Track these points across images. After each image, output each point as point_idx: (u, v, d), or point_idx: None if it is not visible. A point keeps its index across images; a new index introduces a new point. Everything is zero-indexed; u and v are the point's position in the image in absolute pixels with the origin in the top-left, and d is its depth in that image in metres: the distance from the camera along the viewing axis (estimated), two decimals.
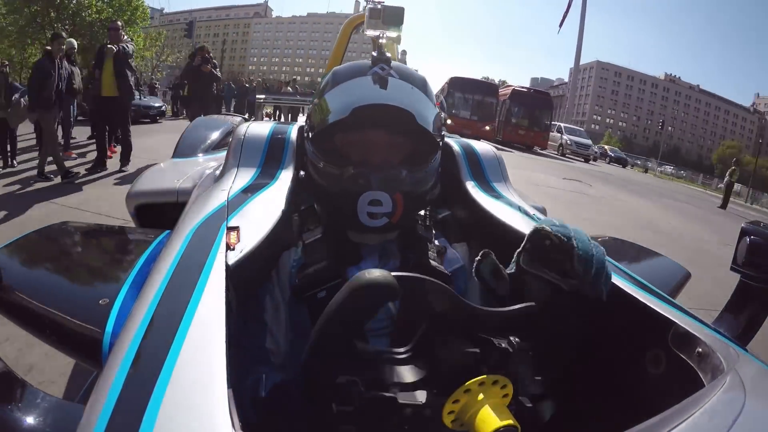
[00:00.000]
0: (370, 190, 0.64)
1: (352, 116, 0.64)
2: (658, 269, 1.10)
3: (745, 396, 0.40)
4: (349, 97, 0.67)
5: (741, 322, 0.72)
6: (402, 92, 0.67)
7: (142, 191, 1.39)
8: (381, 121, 0.65)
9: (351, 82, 0.68)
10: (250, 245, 0.57)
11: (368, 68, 0.69)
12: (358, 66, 0.71)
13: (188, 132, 1.97)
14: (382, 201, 0.64)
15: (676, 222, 6.80)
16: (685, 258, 1.61)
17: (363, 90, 0.66)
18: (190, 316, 0.43)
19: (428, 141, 0.70)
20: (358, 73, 0.69)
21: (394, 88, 0.67)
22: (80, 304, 0.71)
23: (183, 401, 0.33)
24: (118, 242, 1.05)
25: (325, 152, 0.69)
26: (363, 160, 0.66)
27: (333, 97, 0.69)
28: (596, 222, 5.21)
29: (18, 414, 0.44)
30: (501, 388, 0.42)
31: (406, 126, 0.66)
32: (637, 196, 8.91)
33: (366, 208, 0.64)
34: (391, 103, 0.65)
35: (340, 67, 0.73)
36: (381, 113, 0.64)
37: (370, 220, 0.65)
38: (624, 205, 7.18)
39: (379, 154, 0.67)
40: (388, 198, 0.64)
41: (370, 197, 0.64)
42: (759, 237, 0.73)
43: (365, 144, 0.67)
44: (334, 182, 0.67)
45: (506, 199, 0.90)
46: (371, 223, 0.65)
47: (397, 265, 0.69)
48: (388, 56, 0.71)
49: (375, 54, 0.71)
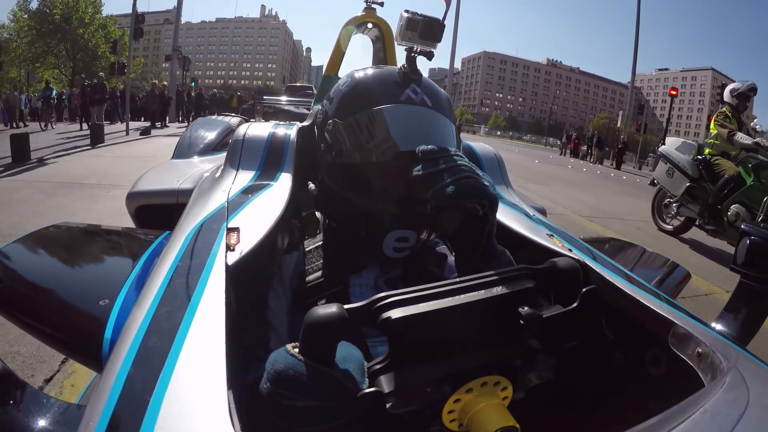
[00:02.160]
0: (400, 229, 0.62)
1: (396, 161, 0.60)
2: (658, 269, 1.10)
3: (746, 396, 0.40)
4: (389, 134, 0.61)
5: (741, 322, 0.72)
6: (440, 130, 0.63)
7: (142, 192, 1.39)
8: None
9: (388, 113, 0.61)
10: (250, 246, 0.57)
11: (399, 88, 0.63)
12: (386, 83, 0.64)
13: (188, 133, 1.97)
14: (409, 237, 0.63)
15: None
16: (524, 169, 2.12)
17: (405, 127, 0.61)
18: (190, 316, 0.43)
19: None
20: (389, 94, 0.63)
21: (433, 125, 0.63)
22: (80, 305, 0.71)
23: (183, 402, 0.33)
24: (118, 243, 1.05)
25: (354, 182, 0.65)
26: (390, 193, 0.63)
27: (366, 126, 0.62)
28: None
29: (18, 415, 0.44)
30: (502, 391, 0.42)
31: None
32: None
33: (393, 244, 0.63)
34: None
35: (364, 78, 0.66)
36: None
37: (394, 252, 0.63)
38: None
39: (406, 188, 0.63)
40: (414, 235, 0.63)
41: (398, 234, 0.62)
42: (759, 237, 0.73)
43: (397, 179, 0.62)
44: (358, 212, 0.64)
45: (506, 200, 0.90)
46: (395, 255, 0.63)
47: (398, 273, 0.69)
48: (421, 74, 0.66)
49: (406, 69, 0.65)
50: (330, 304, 0.38)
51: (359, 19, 1.87)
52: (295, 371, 0.36)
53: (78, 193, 4.73)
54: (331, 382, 0.37)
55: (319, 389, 0.37)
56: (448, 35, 19.93)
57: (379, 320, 0.39)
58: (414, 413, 0.40)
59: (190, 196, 1.06)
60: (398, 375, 0.40)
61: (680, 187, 4.60)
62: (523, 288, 0.43)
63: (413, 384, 0.40)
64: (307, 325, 0.37)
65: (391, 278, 0.68)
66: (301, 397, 0.36)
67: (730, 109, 4.45)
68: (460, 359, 0.42)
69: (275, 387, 0.37)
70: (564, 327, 0.44)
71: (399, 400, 0.40)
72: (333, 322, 0.37)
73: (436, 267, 0.71)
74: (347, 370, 0.38)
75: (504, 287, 0.43)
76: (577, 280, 0.46)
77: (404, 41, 0.70)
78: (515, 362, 0.44)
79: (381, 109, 0.61)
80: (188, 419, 0.32)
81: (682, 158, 4.60)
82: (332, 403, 0.37)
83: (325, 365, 0.37)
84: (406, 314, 0.39)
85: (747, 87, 4.43)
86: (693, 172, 4.51)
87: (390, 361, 0.40)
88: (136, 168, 4.90)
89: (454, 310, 0.41)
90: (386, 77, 0.66)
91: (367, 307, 0.40)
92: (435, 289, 0.42)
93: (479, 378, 0.41)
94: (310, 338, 0.37)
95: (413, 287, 0.42)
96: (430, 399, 0.41)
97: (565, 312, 0.44)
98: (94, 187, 4.97)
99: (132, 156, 7.47)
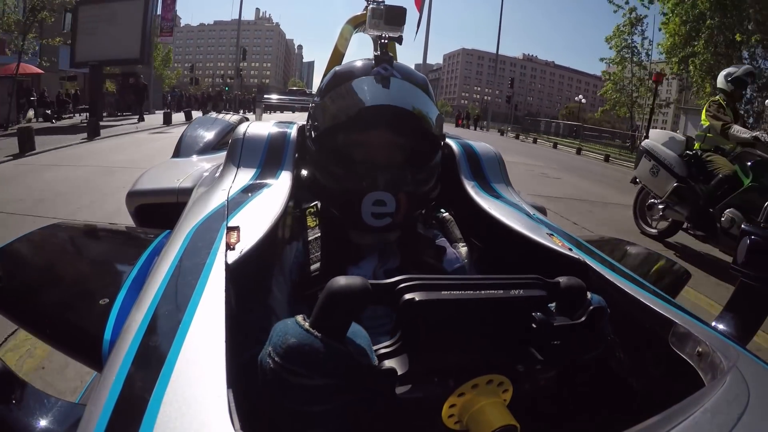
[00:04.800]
0: (374, 191, 0.64)
1: (358, 117, 0.65)
2: (658, 269, 1.10)
3: (747, 395, 0.40)
4: (353, 98, 0.67)
5: (741, 322, 0.72)
6: (406, 93, 0.67)
7: (142, 191, 1.39)
8: (386, 123, 0.65)
9: (355, 83, 0.68)
10: (251, 245, 0.57)
11: (370, 68, 0.69)
12: (360, 66, 0.71)
13: (188, 132, 1.97)
14: (386, 201, 0.64)
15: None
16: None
17: (368, 91, 0.67)
18: (190, 316, 0.43)
19: (431, 141, 0.70)
20: (361, 73, 0.69)
21: (399, 88, 0.67)
22: (80, 304, 0.71)
23: (183, 401, 0.33)
24: (118, 242, 1.05)
25: (329, 152, 0.69)
26: (366, 160, 0.67)
27: (337, 97, 0.69)
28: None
29: (18, 414, 0.44)
30: (503, 392, 0.42)
31: (411, 127, 0.67)
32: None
33: (370, 209, 0.64)
34: (397, 105, 0.65)
35: (341, 67, 0.73)
36: (386, 114, 0.65)
37: (373, 219, 0.65)
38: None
39: (382, 154, 0.67)
40: (391, 198, 0.64)
41: (374, 198, 0.64)
42: (759, 237, 0.73)
43: (369, 144, 0.67)
44: (337, 182, 0.67)
45: (506, 199, 0.90)
46: (375, 222, 0.65)
47: (396, 264, 0.69)
48: (390, 56, 0.71)
49: (377, 53, 0.71)
50: (354, 276, 0.37)
51: (359, 18, 1.87)
52: (311, 347, 0.34)
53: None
54: (345, 359, 0.35)
55: (334, 367, 0.35)
56: (422, 32, 21.90)
57: (402, 301, 0.38)
58: (418, 401, 0.40)
59: (190, 195, 1.06)
60: (410, 359, 0.39)
61: (666, 187, 3.94)
62: (538, 296, 0.43)
63: (423, 370, 0.40)
64: (329, 293, 0.36)
65: (389, 269, 0.69)
66: (315, 376, 0.35)
67: (724, 97, 3.79)
68: (470, 354, 0.42)
69: (287, 363, 0.34)
70: (571, 338, 0.44)
71: (407, 384, 0.39)
72: (356, 293, 0.36)
73: (435, 259, 0.72)
74: (360, 345, 0.37)
75: (521, 291, 0.43)
76: (582, 298, 0.46)
77: (372, 30, 0.77)
78: (520, 365, 0.44)
79: (351, 81, 0.68)
80: (188, 418, 0.32)
81: (669, 155, 3.95)
82: (345, 382, 0.36)
83: (338, 341, 0.36)
84: (430, 298, 0.38)
85: (744, 71, 3.80)
86: (681, 170, 3.87)
87: (401, 344, 0.40)
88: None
89: (473, 304, 0.40)
90: (361, 63, 0.72)
91: (392, 286, 0.39)
92: (456, 281, 0.41)
93: (485, 375, 0.41)
94: (329, 307, 0.36)
95: (435, 275, 0.42)
96: (436, 388, 0.41)
97: (574, 325, 0.44)
98: None
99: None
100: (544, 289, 0.44)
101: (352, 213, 0.65)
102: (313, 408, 0.36)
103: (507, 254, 0.77)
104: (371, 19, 0.76)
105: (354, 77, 0.69)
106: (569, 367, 0.47)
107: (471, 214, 0.86)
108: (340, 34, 3.26)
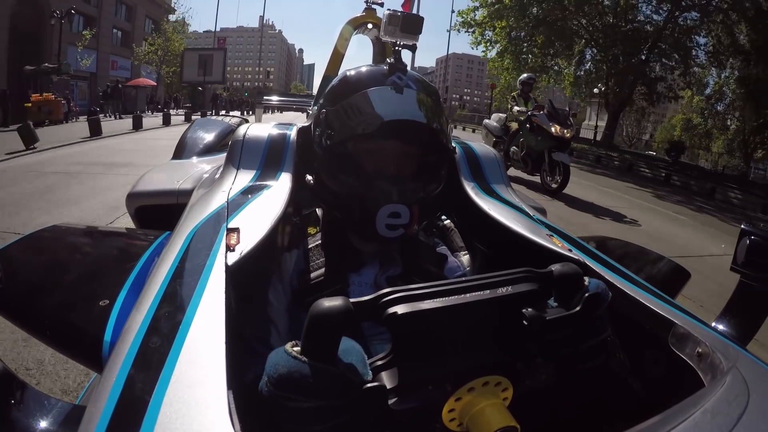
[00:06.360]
0: (390, 203, 0.64)
1: (378, 131, 0.64)
2: (658, 269, 1.10)
3: (746, 395, 0.40)
4: (372, 110, 0.65)
5: (741, 322, 0.72)
6: (425, 107, 0.67)
7: (142, 192, 1.39)
8: (405, 136, 0.65)
9: (372, 93, 0.66)
10: (250, 246, 0.57)
11: (385, 76, 0.68)
12: (374, 73, 0.69)
13: (188, 133, 1.97)
14: (401, 213, 0.64)
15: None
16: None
17: (387, 103, 0.65)
18: (190, 317, 0.43)
19: (444, 154, 0.71)
20: (374, 81, 0.67)
21: (418, 102, 0.67)
22: (80, 306, 0.71)
23: (183, 403, 0.33)
24: (118, 243, 1.05)
25: (341, 161, 0.68)
26: (381, 171, 0.66)
27: (353, 107, 0.67)
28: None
29: (19, 416, 0.44)
30: (503, 391, 0.42)
31: (429, 141, 0.67)
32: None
33: (385, 220, 0.64)
34: (416, 120, 0.65)
35: (353, 73, 0.71)
36: (406, 128, 0.64)
37: (387, 231, 0.64)
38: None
39: (397, 165, 0.67)
40: (406, 210, 0.64)
41: (390, 210, 0.64)
42: (759, 237, 0.73)
43: (386, 156, 0.67)
44: (352, 192, 0.66)
45: (506, 200, 0.90)
46: (389, 234, 0.65)
47: (398, 272, 0.69)
48: (405, 65, 0.70)
49: (391, 61, 0.69)
50: (335, 297, 0.38)
51: (359, 19, 1.87)
52: (300, 374, 0.35)
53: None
54: (336, 380, 0.36)
55: (325, 389, 0.36)
56: (437, 36, 22.84)
57: (384, 315, 0.39)
58: (415, 411, 0.40)
59: (190, 197, 1.06)
60: (401, 371, 0.40)
61: (489, 143, 6.77)
62: (528, 290, 0.43)
63: (416, 380, 0.40)
64: (311, 317, 0.36)
65: (391, 276, 0.69)
66: (308, 399, 0.36)
67: (519, 92, 6.80)
68: (463, 358, 0.42)
69: (279, 390, 0.36)
70: (567, 330, 0.44)
71: (401, 396, 0.39)
72: (338, 315, 0.36)
73: (436, 267, 0.71)
74: (351, 363, 0.37)
75: (509, 288, 0.43)
76: (579, 284, 0.46)
77: (388, 36, 0.76)
78: (517, 364, 0.44)
79: (366, 91, 0.66)
80: (188, 419, 0.32)
81: (493, 125, 7.41)
82: (340, 401, 0.36)
83: (328, 361, 0.36)
84: (412, 310, 0.39)
85: (525, 77, 6.97)
86: (497, 132, 7.21)
87: (393, 356, 0.40)
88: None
89: (460, 308, 0.40)
90: (374, 69, 0.71)
91: (373, 302, 0.39)
92: (441, 287, 0.41)
93: (481, 377, 0.41)
94: (314, 331, 0.36)
95: (419, 284, 0.42)
96: (431, 396, 0.41)
97: (568, 316, 0.44)
98: None
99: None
100: (535, 281, 0.44)
101: (365, 223, 0.65)
102: (313, 428, 0.36)
103: (507, 255, 0.77)
104: (387, 25, 0.75)
105: (367, 85, 0.67)
106: (570, 358, 0.47)
107: (471, 215, 0.86)
108: (340, 34, 3.26)
